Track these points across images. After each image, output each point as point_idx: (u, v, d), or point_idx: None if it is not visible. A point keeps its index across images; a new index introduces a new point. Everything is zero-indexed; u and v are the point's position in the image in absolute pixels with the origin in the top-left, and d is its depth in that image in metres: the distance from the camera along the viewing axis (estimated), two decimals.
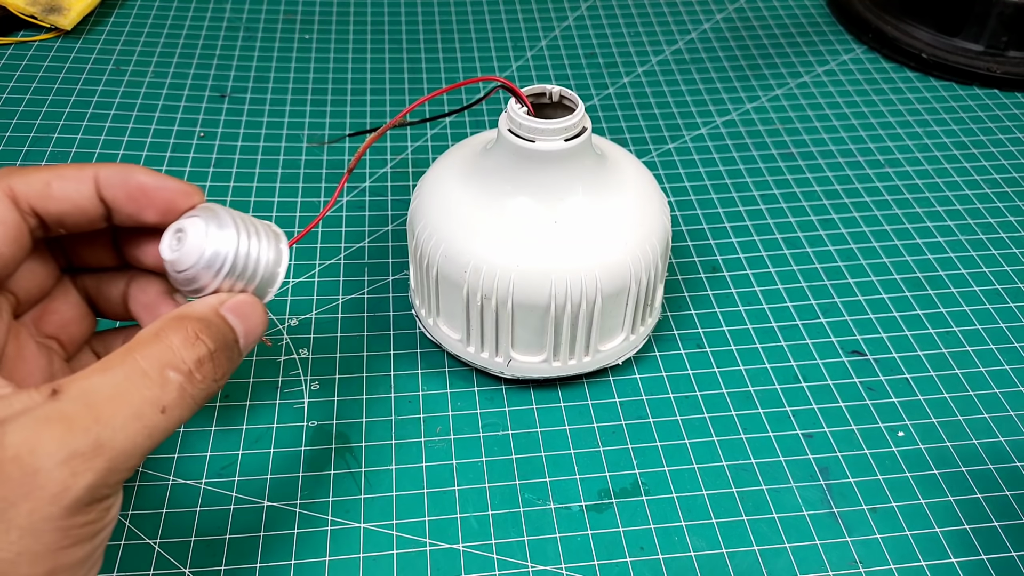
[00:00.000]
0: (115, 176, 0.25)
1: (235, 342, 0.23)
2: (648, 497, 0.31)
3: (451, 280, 0.32)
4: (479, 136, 0.35)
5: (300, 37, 0.55)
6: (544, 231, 0.31)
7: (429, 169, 0.35)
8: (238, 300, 0.24)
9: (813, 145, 0.48)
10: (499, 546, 0.30)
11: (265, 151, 0.46)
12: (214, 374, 0.22)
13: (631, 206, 0.32)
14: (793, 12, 0.59)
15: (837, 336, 0.37)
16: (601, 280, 0.31)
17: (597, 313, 0.32)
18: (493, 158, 0.32)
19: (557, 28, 0.57)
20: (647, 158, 0.47)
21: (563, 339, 0.32)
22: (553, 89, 0.32)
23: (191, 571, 0.29)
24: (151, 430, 0.20)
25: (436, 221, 0.32)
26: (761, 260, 0.41)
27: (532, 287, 0.31)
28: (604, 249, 0.31)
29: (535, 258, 0.31)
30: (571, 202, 0.31)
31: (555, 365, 0.33)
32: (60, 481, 0.19)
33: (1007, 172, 0.46)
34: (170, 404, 0.21)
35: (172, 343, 0.22)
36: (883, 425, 0.34)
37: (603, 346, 0.34)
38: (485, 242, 0.31)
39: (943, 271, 0.40)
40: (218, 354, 0.22)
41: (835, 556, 0.30)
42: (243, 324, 0.24)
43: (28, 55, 0.52)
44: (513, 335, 0.32)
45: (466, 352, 0.34)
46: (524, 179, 0.31)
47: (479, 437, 0.33)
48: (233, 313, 0.24)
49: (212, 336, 0.22)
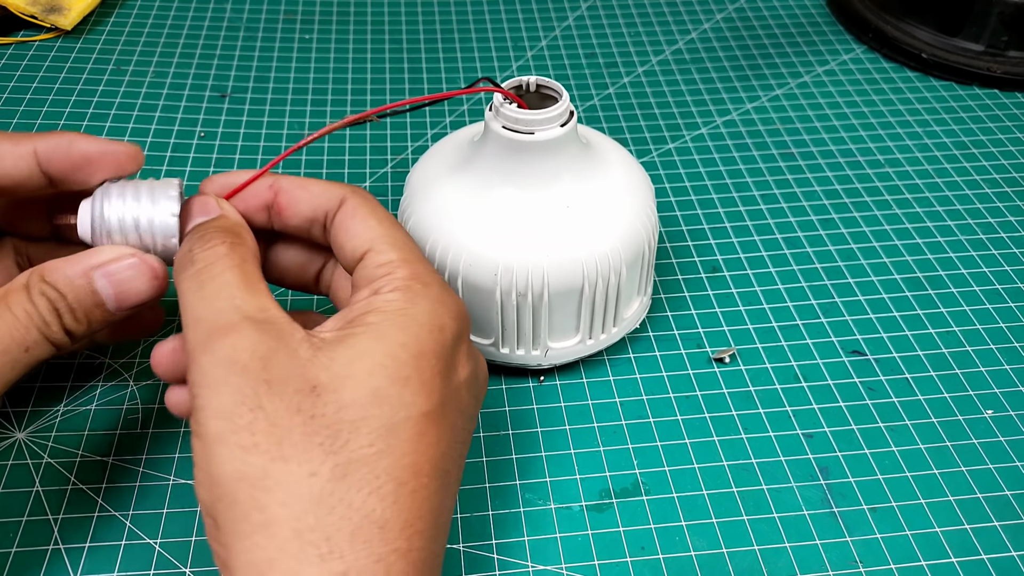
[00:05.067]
0: (56, 149, 0.26)
1: (98, 304, 0.26)
2: (648, 497, 0.31)
3: (479, 287, 0.32)
4: (461, 132, 0.36)
5: (300, 37, 0.55)
6: (560, 217, 0.32)
7: (411, 176, 0.35)
8: (118, 264, 0.26)
9: (813, 145, 0.48)
10: (499, 546, 0.30)
11: (265, 151, 0.46)
12: (75, 327, 0.25)
13: (622, 180, 0.34)
14: (793, 12, 0.59)
15: (837, 336, 0.37)
16: (622, 251, 0.32)
17: (623, 283, 0.33)
18: (485, 158, 0.32)
19: (557, 28, 0.57)
20: (647, 158, 0.47)
21: (596, 316, 0.33)
22: (530, 80, 0.33)
23: (191, 571, 0.29)
24: (15, 363, 0.25)
25: (450, 232, 0.32)
26: (761, 260, 0.41)
27: (564, 274, 0.32)
28: (617, 223, 0.32)
29: (562, 246, 0.31)
30: (571, 186, 0.32)
31: (589, 343, 0.34)
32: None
33: (1007, 172, 0.46)
34: (32, 344, 0.25)
35: (35, 295, 0.25)
36: (883, 425, 0.34)
37: (626, 313, 0.35)
38: (510, 241, 0.31)
39: (943, 271, 0.40)
40: (78, 311, 0.25)
41: (835, 556, 0.30)
42: (114, 288, 0.26)
43: (28, 55, 0.52)
44: (549, 324, 0.33)
45: (500, 355, 0.34)
46: (523, 171, 0.31)
47: (479, 437, 0.33)
48: (105, 277, 0.26)
49: (73, 294, 0.25)
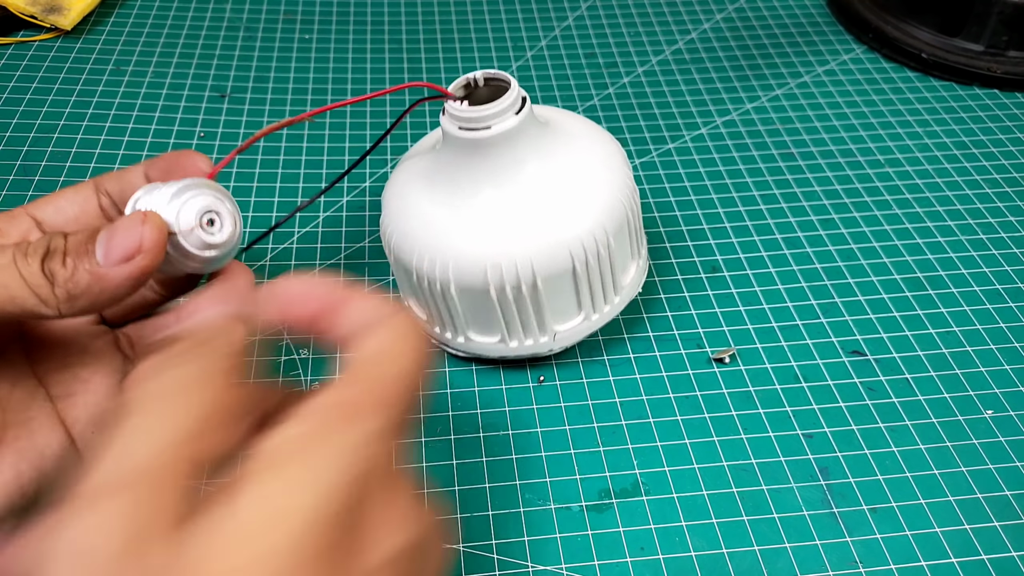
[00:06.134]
0: (158, 165, 0.29)
1: (87, 252, 0.25)
2: (648, 497, 0.31)
3: (472, 288, 0.32)
4: (427, 139, 0.36)
5: (300, 37, 0.55)
6: (535, 204, 0.32)
7: (385, 194, 0.35)
8: (122, 218, 0.25)
9: (813, 145, 0.48)
10: (499, 546, 0.30)
11: (265, 151, 0.46)
12: (50, 271, 0.24)
13: (590, 153, 0.34)
14: (793, 12, 0.59)
15: (837, 336, 0.37)
16: (606, 223, 0.32)
17: (613, 253, 0.33)
18: (449, 162, 0.32)
19: (557, 28, 0.57)
20: (647, 158, 0.47)
21: (596, 291, 0.33)
22: (477, 75, 0.33)
23: None
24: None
25: (433, 243, 0.32)
26: (761, 260, 0.41)
27: (551, 259, 0.31)
28: (594, 197, 0.32)
29: (543, 231, 0.31)
30: (539, 169, 0.32)
31: (594, 319, 0.34)
32: None
33: (1007, 172, 0.46)
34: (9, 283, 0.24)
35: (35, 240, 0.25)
36: (883, 425, 0.34)
37: (624, 280, 0.35)
38: (492, 238, 0.31)
39: (943, 271, 0.40)
40: (55, 255, 0.25)
41: (835, 556, 0.30)
42: (108, 238, 0.25)
43: (28, 55, 0.52)
44: (550, 309, 0.33)
45: (509, 349, 0.34)
46: (489, 167, 0.31)
47: (479, 437, 0.33)
48: (106, 229, 0.25)
49: (61, 240, 0.25)
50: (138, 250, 0.25)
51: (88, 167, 0.44)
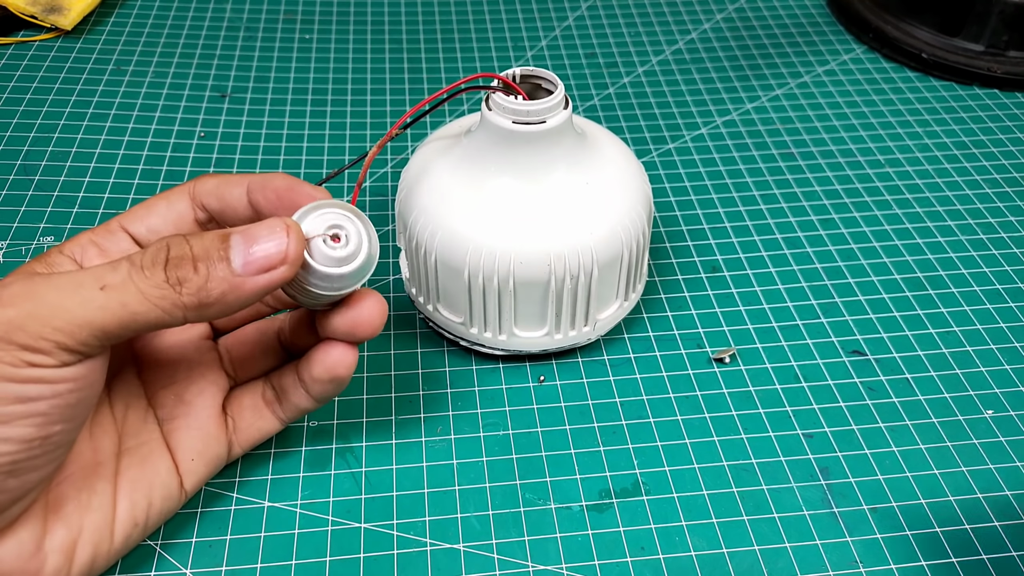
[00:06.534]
0: (258, 181, 0.27)
1: (222, 259, 0.23)
2: (648, 497, 0.31)
3: (450, 265, 0.32)
4: (454, 125, 0.36)
5: (300, 37, 0.55)
6: (537, 208, 0.32)
7: (411, 161, 0.35)
8: (258, 224, 0.24)
9: (813, 145, 0.48)
10: (500, 546, 0.30)
11: (265, 151, 0.46)
12: (176, 279, 0.23)
13: (615, 178, 0.34)
14: (793, 12, 0.59)
15: (837, 336, 0.37)
16: (596, 251, 0.32)
17: (595, 283, 0.33)
18: (479, 146, 0.32)
19: (557, 28, 0.57)
20: (647, 158, 0.47)
21: (565, 313, 0.33)
22: (516, 71, 0.33)
23: (192, 572, 0.29)
24: (85, 301, 0.22)
25: (433, 212, 0.32)
26: (761, 260, 0.41)
27: (530, 266, 0.32)
28: (597, 222, 0.33)
29: (532, 237, 0.32)
30: (565, 177, 0.32)
31: (556, 338, 0.35)
32: None
33: (1007, 172, 0.46)
34: (110, 284, 0.23)
35: (146, 248, 0.24)
36: (883, 425, 0.34)
37: (599, 315, 0.35)
38: (482, 225, 0.32)
39: (943, 271, 0.40)
40: (184, 262, 0.23)
41: (835, 556, 0.30)
42: (246, 245, 0.24)
43: (28, 55, 0.52)
44: (515, 312, 0.33)
45: (468, 334, 0.34)
46: (520, 162, 0.32)
47: (479, 437, 0.33)
48: (241, 235, 0.24)
49: (185, 245, 0.24)
50: (283, 260, 0.24)
51: (88, 167, 0.44)
